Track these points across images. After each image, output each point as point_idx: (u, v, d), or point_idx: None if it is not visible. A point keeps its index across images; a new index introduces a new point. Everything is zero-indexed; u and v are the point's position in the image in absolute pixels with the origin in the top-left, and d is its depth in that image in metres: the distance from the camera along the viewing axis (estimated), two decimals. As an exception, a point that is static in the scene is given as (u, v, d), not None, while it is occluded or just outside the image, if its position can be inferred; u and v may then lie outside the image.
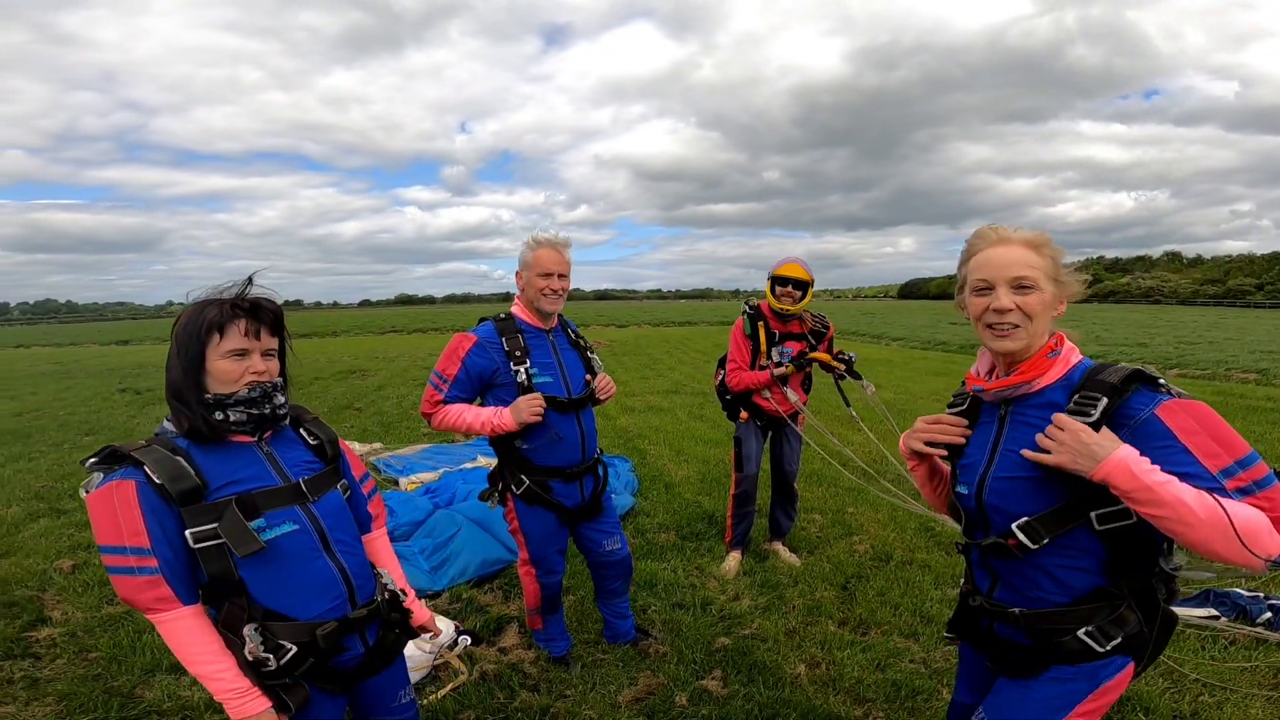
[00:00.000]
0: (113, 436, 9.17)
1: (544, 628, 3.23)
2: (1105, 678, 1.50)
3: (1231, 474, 1.31)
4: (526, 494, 2.87)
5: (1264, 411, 9.40)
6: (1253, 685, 2.96)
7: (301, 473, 1.71)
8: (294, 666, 1.62)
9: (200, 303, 1.62)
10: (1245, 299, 77.08)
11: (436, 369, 2.82)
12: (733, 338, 4.25)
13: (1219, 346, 18.98)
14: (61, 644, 3.47)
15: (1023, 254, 1.50)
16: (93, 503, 1.52)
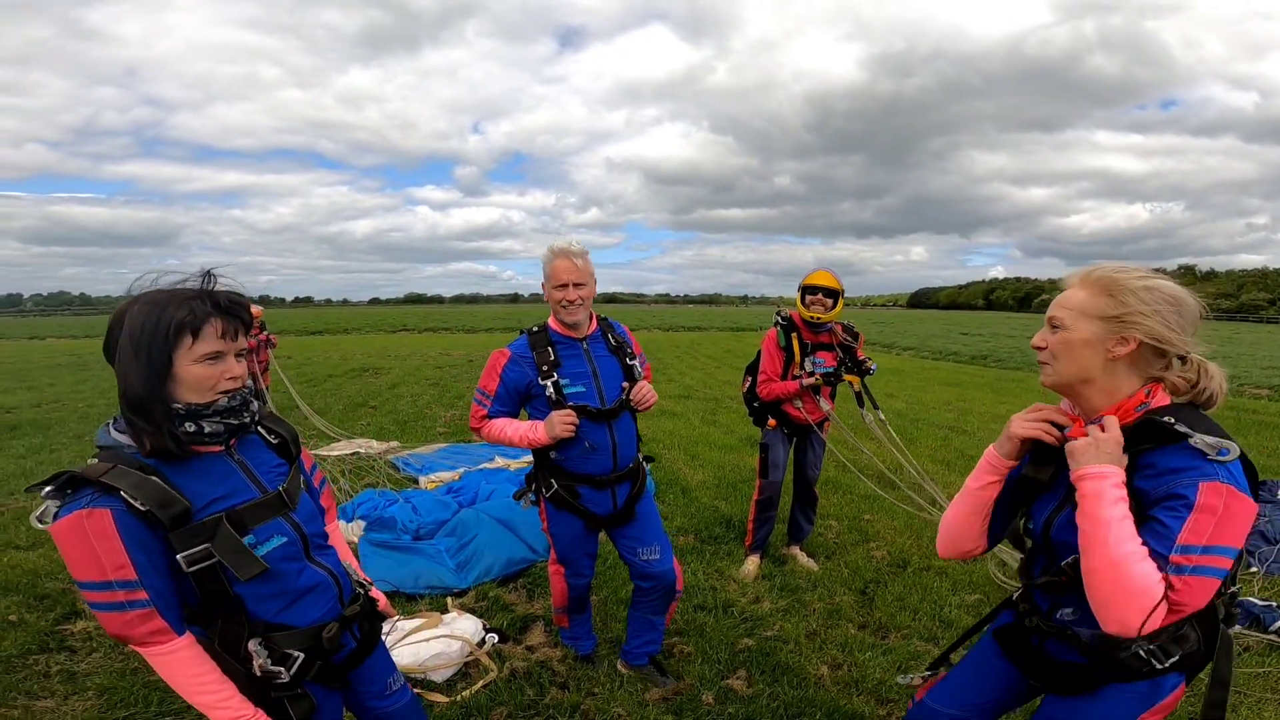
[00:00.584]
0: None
1: (571, 626, 3.27)
2: (1160, 696, 1.53)
3: (1189, 551, 1.31)
4: (554, 498, 2.90)
5: (1276, 428, 9.39)
6: (1266, 690, 3.02)
7: (275, 479, 1.60)
8: (304, 673, 1.59)
9: (158, 300, 1.41)
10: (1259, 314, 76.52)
11: (479, 385, 2.87)
12: (765, 349, 4.32)
13: (1232, 361, 18.91)
14: (97, 638, 3.52)
15: (1071, 293, 1.53)
16: (61, 535, 1.33)
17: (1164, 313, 1.45)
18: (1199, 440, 1.35)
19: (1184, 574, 1.31)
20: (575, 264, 2.75)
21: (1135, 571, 1.31)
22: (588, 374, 2.84)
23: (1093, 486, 1.39)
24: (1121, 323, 1.46)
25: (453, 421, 9.79)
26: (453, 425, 9.51)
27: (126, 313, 1.41)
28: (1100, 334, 1.47)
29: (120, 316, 1.42)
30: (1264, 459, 7.51)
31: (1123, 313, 1.46)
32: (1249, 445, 8.13)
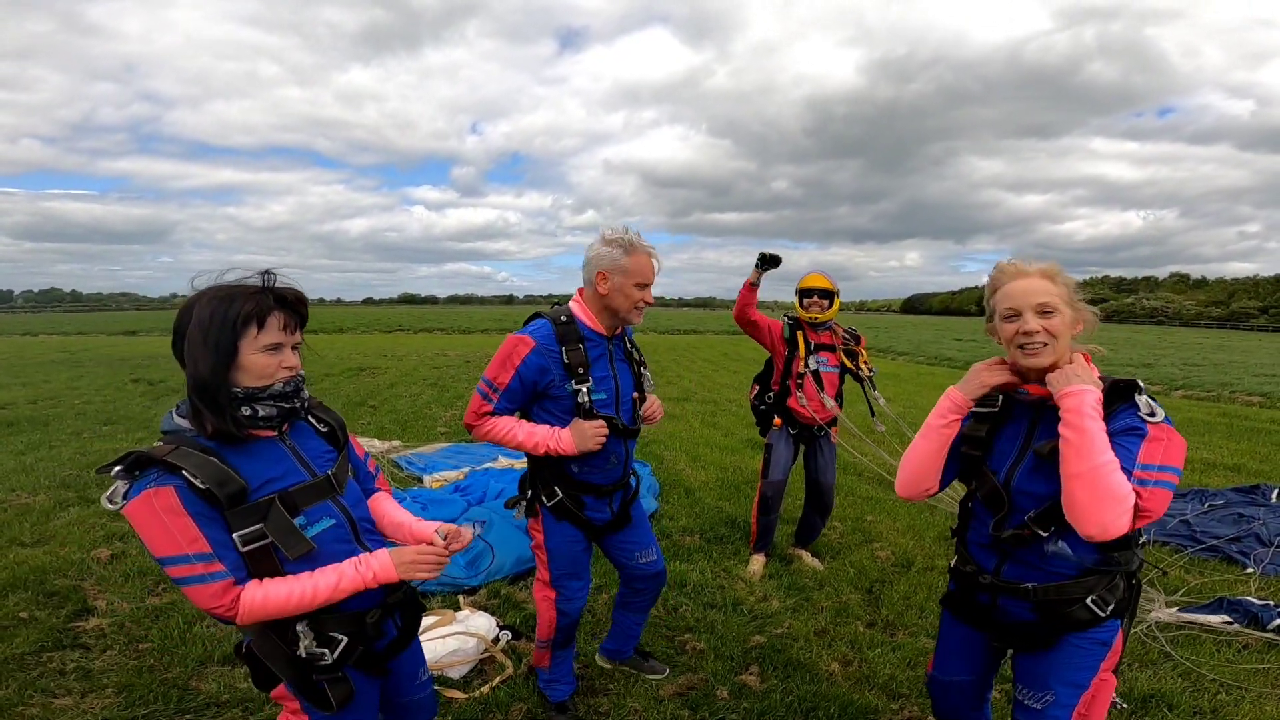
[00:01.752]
0: (132, 426, 9.27)
1: (551, 666, 2.90)
2: (1111, 638, 1.79)
3: (1148, 468, 1.61)
4: (558, 508, 2.64)
5: (1269, 434, 9.51)
6: (1266, 685, 3.10)
7: (324, 464, 1.67)
8: (346, 657, 1.65)
9: (226, 293, 1.52)
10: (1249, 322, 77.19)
11: (486, 376, 2.50)
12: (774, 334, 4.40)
13: (1223, 369, 19.10)
14: (111, 635, 3.52)
15: (1042, 284, 1.77)
16: (134, 515, 1.42)
17: (1077, 294, 1.80)
18: (1143, 402, 1.68)
19: (1148, 486, 1.59)
20: (656, 266, 2.55)
21: (1115, 478, 1.57)
22: (610, 380, 2.61)
23: (1074, 402, 1.65)
24: (1075, 307, 1.78)
25: (453, 421, 9.81)
26: (453, 425, 9.54)
27: (194, 305, 1.51)
28: (1073, 316, 1.77)
29: (189, 309, 1.51)
30: (1256, 464, 7.61)
31: (1075, 301, 1.78)
32: (1240, 450, 8.29)
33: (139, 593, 4.04)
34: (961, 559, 2.01)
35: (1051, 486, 1.71)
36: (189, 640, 3.45)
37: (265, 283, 1.56)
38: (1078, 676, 1.79)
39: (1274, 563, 4.52)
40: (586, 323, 2.56)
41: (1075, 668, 1.78)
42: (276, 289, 1.57)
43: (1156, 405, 1.68)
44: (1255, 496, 6.02)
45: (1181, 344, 33.37)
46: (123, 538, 4.96)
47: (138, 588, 4.10)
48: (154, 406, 11.17)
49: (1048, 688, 1.80)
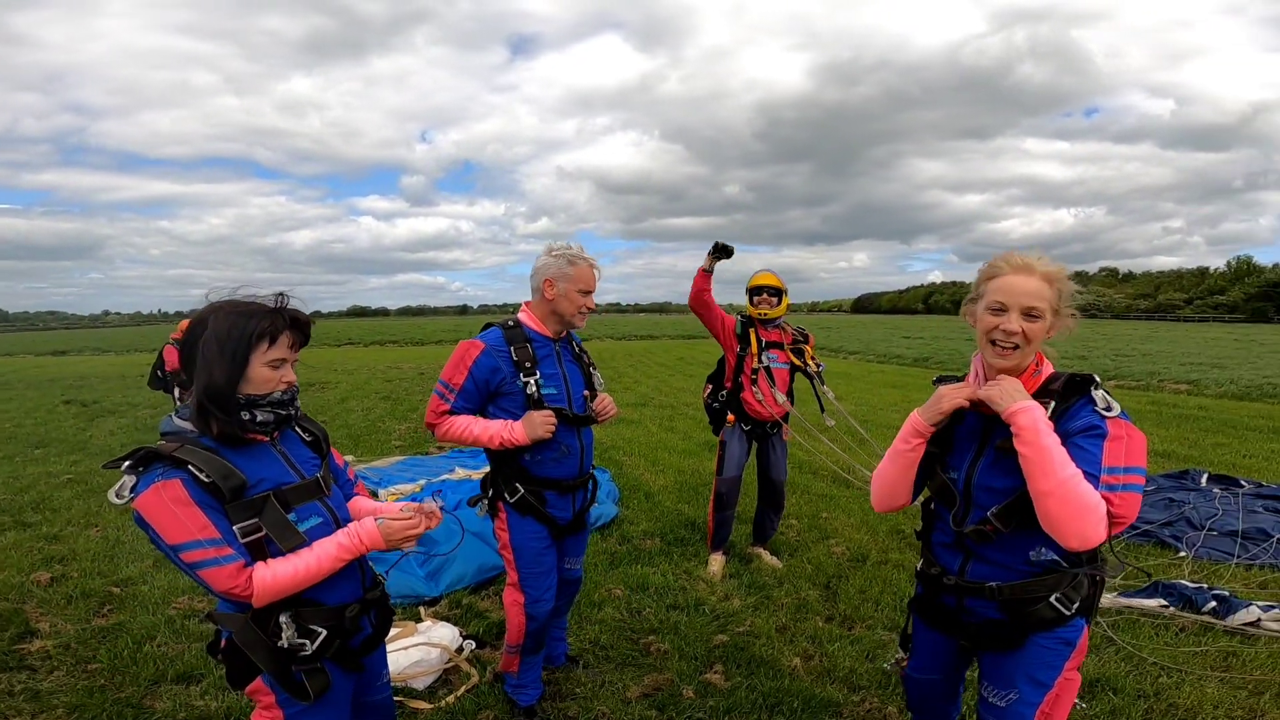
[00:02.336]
0: (65, 449, 8.91)
1: (520, 672, 2.94)
2: (1076, 637, 1.79)
3: (1115, 471, 1.61)
4: (520, 504, 2.75)
5: (1196, 419, 10.03)
6: (1205, 667, 3.25)
7: (311, 469, 1.80)
8: (324, 650, 1.74)
9: (243, 309, 1.66)
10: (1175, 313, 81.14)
11: (442, 378, 2.70)
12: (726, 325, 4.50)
13: (1152, 359, 20.07)
14: (57, 656, 3.42)
15: (1039, 286, 1.74)
16: (145, 505, 1.52)
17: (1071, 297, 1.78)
18: (1100, 397, 1.68)
19: (1116, 491, 1.60)
20: (596, 275, 2.81)
21: (1084, 489, 1.58)
22: (559, 377, 2.80)
23: (1027, 419, 1.65)
24: (1058, 314, 1.76)
25: (408, 434, 9.66)
26: (408, 438, 9.40)
27: (210, 317, 1.65)
28: (1051, 322, 1.76)
29: (203, 320, 1.65)
30: (1185, 449, 8.02)
31: (1061, 305, 1.76)
32: (1170, 437, 8.72)
33: (84, 614, 3.92)
34: (926, 561, 2.01)
35: (1012, 480, 1.71)
36: (140, 660, 3.37)
37: (279, 304, 1.70)
38: (1042, 675, 1.78)
39: (1206, 546, 4.76)
40: (533, 327, 2.79)
41: (1040, 666, 1.78)
42: (290, 311, 1.71)
43: (1113, 400, 1.68)
44: (1185, 481, 6.35)
45: (1113, 335, 34.88)
46: (62, 560, 4.79)
47: (82, 609, 3.98)
48: (88, 428, 10.72)
49: (1012, 685, 1.81)
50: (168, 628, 3.70)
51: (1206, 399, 12.59)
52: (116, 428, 10.80)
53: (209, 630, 3.67)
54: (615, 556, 4.77)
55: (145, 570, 4.57)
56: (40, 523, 5.66)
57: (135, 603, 4.05)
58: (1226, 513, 5.30)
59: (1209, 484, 6.24)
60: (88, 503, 6.26)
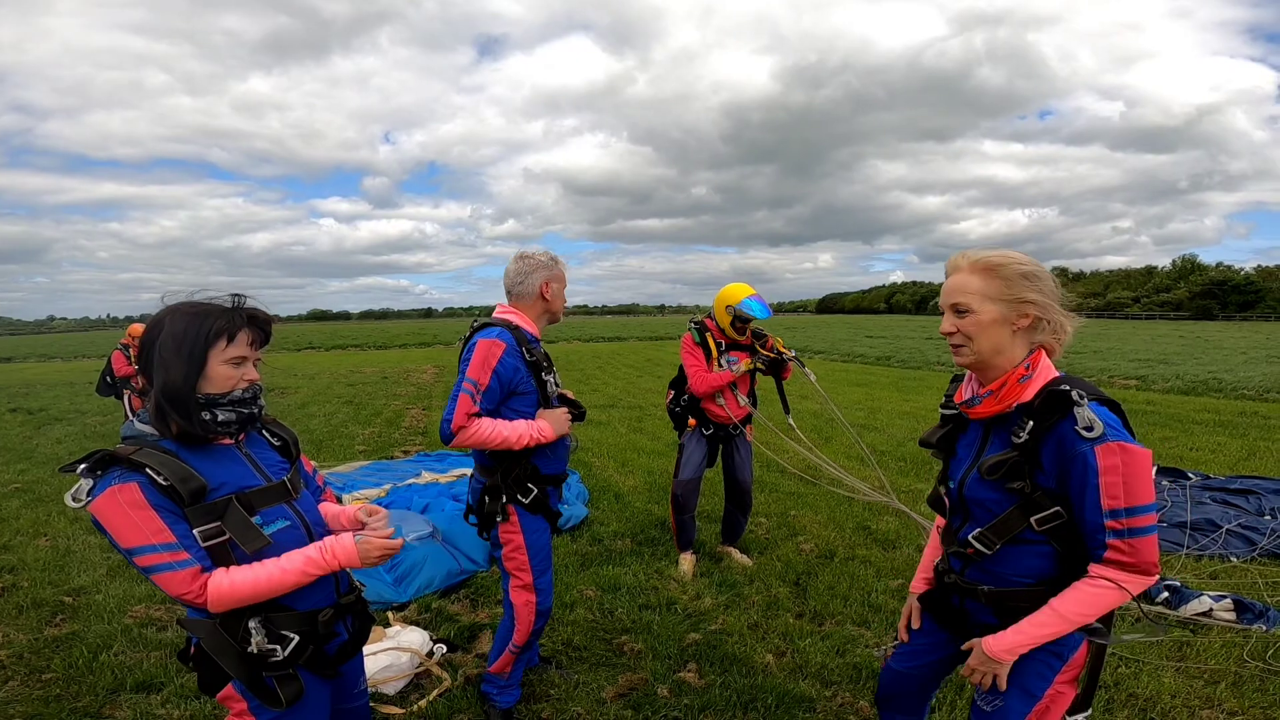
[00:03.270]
0: (12, 458, 8.59)
1: (512, 673, 2.92)
2: (1070, 653, 1.71)
3: (1117, 516, 1.52)
4: (534, 503, 2.76)
5: (1145, 414, 10.37)
6: (1160, 657, 3.35)
7: (278, 473, 1.77)
8: (296, 656, 1.70)
9: (199, 310, 1.65)
10: (1123, 311, 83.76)
11: (470, 377, 2.60)
12: (685, 351, 4.42)
13: (1102, 356, 20.71)
14: (10, 666, 3.33)
15: (965, 280, 1.69)
16: (101, 509, 1.50)
17: (1041, 289, 1.67)
18: (1081, 416, 1.54)
19: (1124, 538, 1.52)
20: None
21: (1089, 604, 1.59)
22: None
23: (1011, 653, 1.68)
24: (1021, 301, 1.65)
25: (372, 439, 9.51)
26: (372, 443, 9.24)
27: (166, 318, 1.63)
28: (1005, 312, 1.66)
29: (159, 322, 1.63)
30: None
31: (1018, 293, 1.65)
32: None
33: (35, 624, 3.81)
34: (943, 558, 1.96)
35: (998, 496, 1.69)
36: (96, 669, 3.28)
37: (236, 303, 1.70)
38: (1032, 685, 1.74)
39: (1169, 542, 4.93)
40: (527, 328, 2.82)
41: (1029, 675, 1.73)
42: (247, 308, 1.70)
43: (1098, 416, 1.53)
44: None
45: (1067, 336, 35.82)
46: (12, 570, 4.63)
47: (33, 619, 3.87)
48: (35, 436, 10.35)
49: (999, 694, 1.77)
50: (124, 636, 3.60)
51: (1154, 394, 13.02)
52: (64, 435, 10.44)
53: (168, 639, 3.58)
54: (586, 558, 4.76)
55: (99, 579, 4.42)
56: (-15, 534, 5.45)
57: (89, 612, 3.92)
58: (1175, 504, 5.47)
59: (1158, 476, 6.45)
60: (36, 512, 6.04)
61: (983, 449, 1.77)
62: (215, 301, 1.69)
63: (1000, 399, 1.67)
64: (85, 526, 5.54)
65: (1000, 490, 1.68)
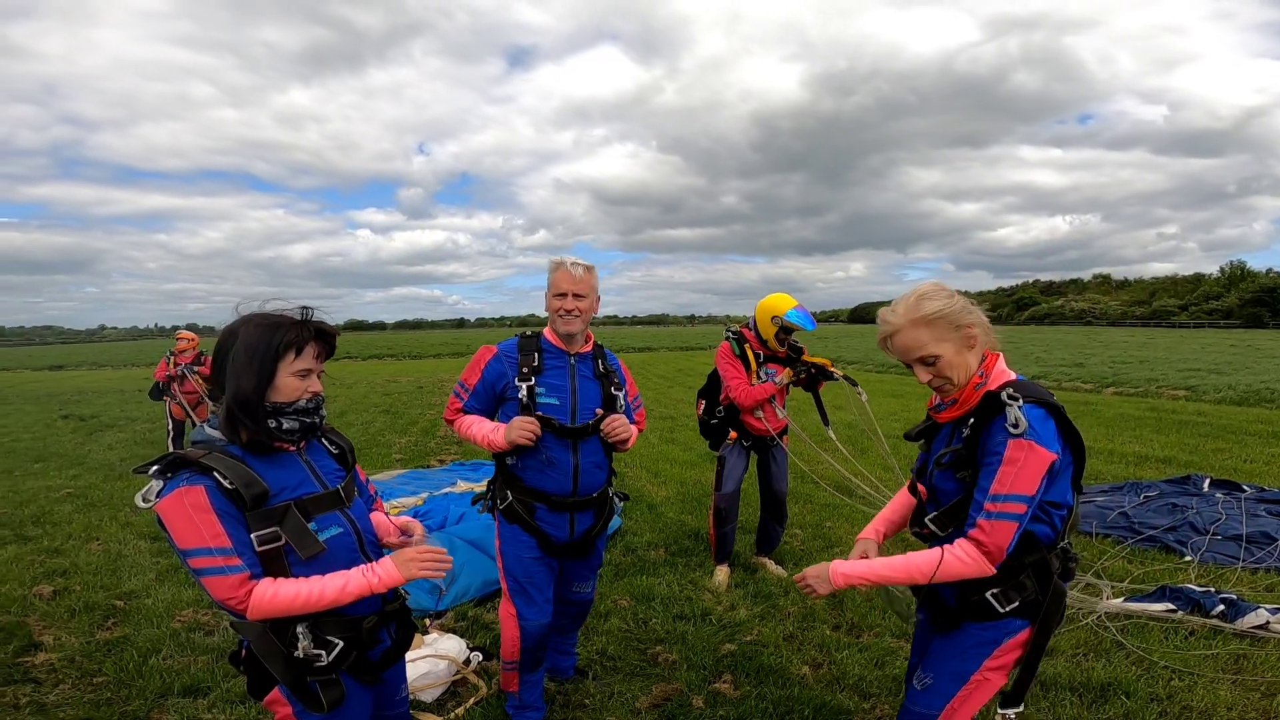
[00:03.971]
0: (64, 464, 8.89)
1: (520, 692, 2.88)
2: (1007, 637, 1.85)
3: (996, 499, 1.71)
4: (507, 511, 2.77)
5: (1195, 425, 10.04)
6: (1216, 670, 3.25)
7: (335, 480, 1.83)
8: (341, 661, 1.74)
9: (270, 322, 1.71)
10: (1170, 319, 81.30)
11: (461, 378, 2.82)
12: (725, 362, 4.37)
13: (1150, 365, 20.10)
14: (62, 669, 3.42)
15: (914, 335, 1.84)
16: (166, 509, 1.55)
17: (965, 307, 1.86)
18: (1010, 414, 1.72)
19: (991, 519, 1.71)
20: (574, 274, 2.73)
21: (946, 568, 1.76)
22: (566, 389, 2.74)
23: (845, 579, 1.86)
24: (959, 328, 1.83)
25: (408, 448, 9.65)
26: (408, 451, 9.38)
27: (240, 329, 1.70)
28: (959, 342, 1.84)
29: (233, 332, 1.71)
30: (1186, 455, 8.02)
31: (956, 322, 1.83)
32: (1170, 443, 8.71)
33: (87, 627, 3.91)
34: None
35: (954, 486, 1.86)
36: (146, 673, 3.35)
37: (305, 316, 1.76)
38: (960, 666, 1.87)
39: (1211, 550, 4.76)
40: (548, 337, 2.83)
41: (959, 656, 1.88)
42: (315, 322, 1.77)
43: (1025, 415, 1.71)
44: (1187, 487, 6.35)
45: (1109, 343, 34.96)
46: (64, 573, 4.77)
47: (85, 622, 3.97)
48: (86, 443, 10.70)
49: (930, 670, 1.93)
50: (173, 641, 3.69)
51: (1205, 405, 12.60)
52: (115, 442, 10.78)
53: (215, 643, 3.66)
54: (620, 567, 4.76)
55: (148, 583, 4.55)
56: (41, 536, 5.65)
57: (139, 616, 4.03)
58: (1230, 517, 5.30)
59: (1211, 489, 6.25)
60: (88, 516, 6.24)
61: (948, 443, 1.94)
62: (286, 313, 1.75)
63: (961, 405, 1.86)
64: (136, 531, 5.72)
65: (954, 480, 1.85)
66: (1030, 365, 21.42)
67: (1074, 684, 3.14)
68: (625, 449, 2.84)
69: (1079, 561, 1.96)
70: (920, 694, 1.93)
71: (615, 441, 2.78)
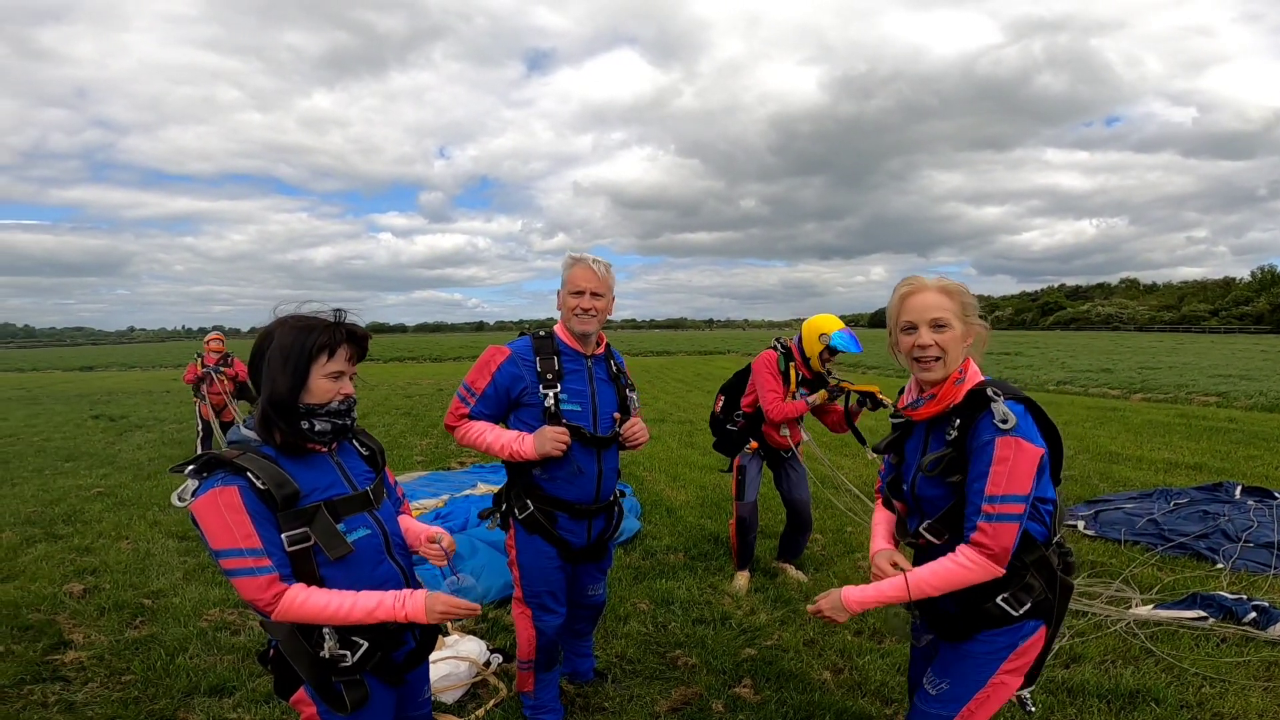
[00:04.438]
0: (94, 463, 9.06)
1: (535, 691, 2.87)
2: (1022, 639, 1.85)
3: (994, 501, 1.71)
4: (528, 521, 2.68)
5: (1227, 432, 9.83)
6: (1248, 677, 3.18)
7: (364, 481, 1.84)
8: (365, 661, 1.75)
9: (304, 324, 1.73)
10: (1200, 325, 79.68)
11: (465, 381, 2.66)
12: (768, 370, 4.28)
13: (1179, 371, 19.72)
14: (90, 668, 3.47)
15: (937, 299, 1.86)
16: (200, 509, 1.58)
17: (976, 307, 1.90)
18: (997, 410, 1.73)
19: (991, 521, 1.71)
20: (594, 271, 2.64)
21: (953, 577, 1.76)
22: (586, 394, 2.69)
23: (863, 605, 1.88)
24: (969, 320, 1.87)
25: (429, 450, 9.72)
26: (429, 454, 9.46)
27: (276, 331, 1.73)
28: (964, 329, 1.87)
29: (269, 334, 1.73)
30: (1217, 462, 7.85)
31: (970, 315, 1.87)
32: (1201, 449, 8.53)
33: (116, 626, 3.97)
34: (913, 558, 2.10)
35: (941, 490, 1.86)
36: (173, 672, 3.40)
37: (338, 318, 1.77)
38: (976, 672, 1.87)
39: (1243, 558, 4.66)
40: (563, 338, 2.72)
41: (974, 662, 1.87)
42: (347, 325, 1.78)
43: (1012, 411, 1.73)
44: (1219, 494, 6.22)
45: (1137, 348, 34.35)
46: (94, 572, 4.86)
47: (114, 621, 4.03)
48: (116, 443, 10.90)
49: (945, 676, 1.91)
50: (199, 640, 3.74)
51: (1236, 411, 12.33)
52: (144, 442, 10.97)
53: (241, 643, 3.71)
54: (639, 571, 4.76)
55: (176, 582, 4.62)
56: (71, 535, 5.76)
57: (167, 615, 4.09)
58: (1262, 525, 5.18)
59: (1243, 496, 6.11)
60: (118, 515, 6.36)
61: (924, 450, 1.94)
62: (320, 315, 1.77)
63: (939, 400, 1.86)
64: (164, 530, 5.82)
65: (942, 485, 1.85)
66: (1056, 370, 21.12)
67: (1102, 691, 3.09)
68: (637, 450, 2.86)
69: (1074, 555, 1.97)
70: (935, 699, 1.93)
71: (633, 445, 2.78)
